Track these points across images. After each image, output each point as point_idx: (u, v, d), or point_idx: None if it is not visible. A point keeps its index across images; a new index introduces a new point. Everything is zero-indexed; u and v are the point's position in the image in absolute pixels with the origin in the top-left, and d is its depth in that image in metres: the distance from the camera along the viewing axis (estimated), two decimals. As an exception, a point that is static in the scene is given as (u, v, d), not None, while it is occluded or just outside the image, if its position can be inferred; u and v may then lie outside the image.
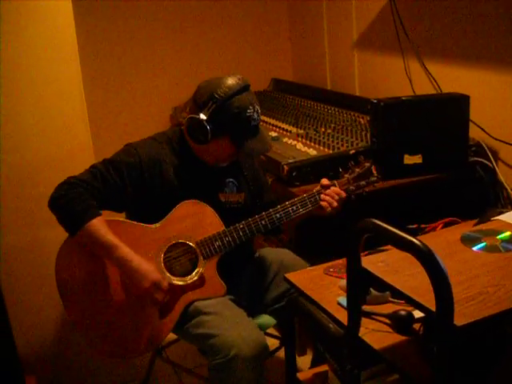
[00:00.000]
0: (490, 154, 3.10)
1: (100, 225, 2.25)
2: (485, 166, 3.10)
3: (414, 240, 1.28)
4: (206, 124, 2.31)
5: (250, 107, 2.33)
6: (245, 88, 2.35)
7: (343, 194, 2.44)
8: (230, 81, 2.33)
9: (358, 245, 1.50)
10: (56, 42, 2.68)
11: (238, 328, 2.23)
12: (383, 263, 1.60)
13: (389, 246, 1.80)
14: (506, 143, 3.03)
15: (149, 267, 2.27)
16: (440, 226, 2.68)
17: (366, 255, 1.54)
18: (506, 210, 2.30)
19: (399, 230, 1.37)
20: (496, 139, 3.10)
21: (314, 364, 2.48)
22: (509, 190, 3.07)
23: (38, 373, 2.85)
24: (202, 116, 2.31)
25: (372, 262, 1.59)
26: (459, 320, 1.28)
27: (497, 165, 3.11)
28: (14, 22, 2.57)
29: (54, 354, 2.94)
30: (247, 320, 2.34)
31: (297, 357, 2.33)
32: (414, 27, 3.56)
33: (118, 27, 4.43)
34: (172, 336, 2.47)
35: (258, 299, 2.58)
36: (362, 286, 1.56)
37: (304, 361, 2.80)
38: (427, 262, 1.24)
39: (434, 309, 1.26)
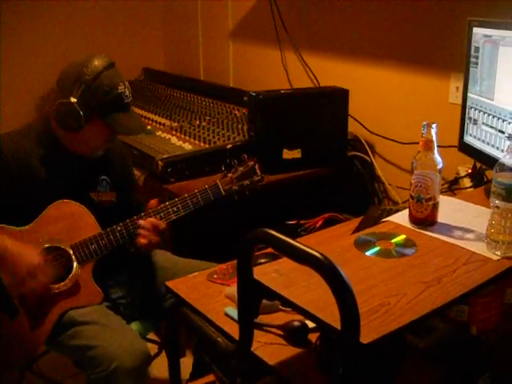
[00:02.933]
0: (367, 148, 3.12)
1: None
2: (363, 161, 3.12)
3: (315, 253, 1.19)
4: (77, 107, 2.14)
5: (121, 83, 2.21)
6: (111, 65, 2.22)
7: (162, 225, 2.30)
8: (96, 59, 2.19)
9: (249, 256, 1.41)
10: None
11: (118, 338, 2.10)
12: (277, 273, 1.51)
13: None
14: (383, 137, 3.07)
15: (26, 251, 2.08)
16: (320, 221, 2.68)
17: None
18: (389, 206, 2.30)
19: (294, 240, 1.28)
20: (373, 133, 3.13)
21: (195, 369, 2.39)
22: (386, 183, 3.10)
23: None
24: (72, 99, 2.15)
25: (265, 273, 1.49)
26: (365, 337, 1.21)
27: (374, 159, 3.14)
28: None
29: None
30: (127, 328, 2.22)
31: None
32: (292, 19, 3.53)
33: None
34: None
35: (136, 304, 2.45)
36: (254, 299, 1.47)
37: (184, 363, 2.68)
38: (331, 279, 1.15)
39: (338, 326, 1.19)
